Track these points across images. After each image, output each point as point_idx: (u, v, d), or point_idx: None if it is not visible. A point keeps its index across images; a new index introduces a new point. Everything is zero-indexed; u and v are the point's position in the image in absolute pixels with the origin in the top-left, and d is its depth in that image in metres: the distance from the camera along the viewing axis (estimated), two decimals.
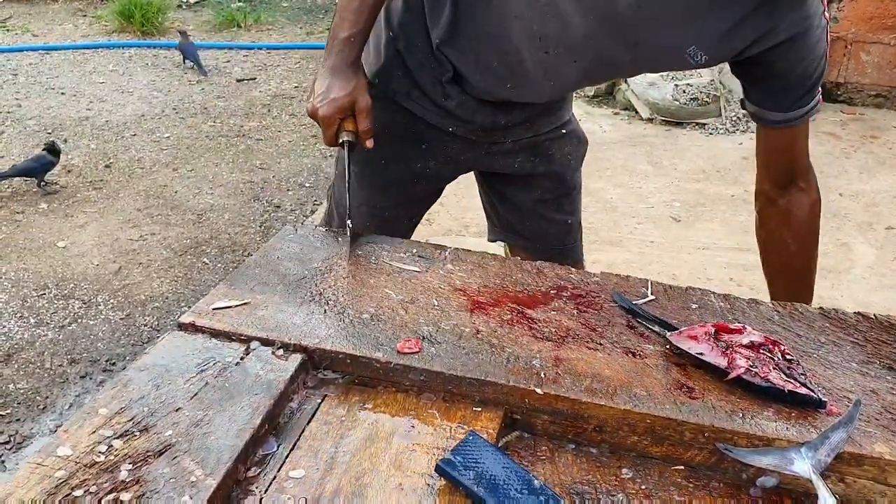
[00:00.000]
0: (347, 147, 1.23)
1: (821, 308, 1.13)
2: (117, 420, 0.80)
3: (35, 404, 2.25)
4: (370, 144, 1.24)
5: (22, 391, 2.29)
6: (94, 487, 0.71)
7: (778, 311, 1.10)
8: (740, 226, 3.28)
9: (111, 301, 2.75)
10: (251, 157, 4.00)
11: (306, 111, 1.23)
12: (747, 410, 0.88)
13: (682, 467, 0.86)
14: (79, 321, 2.63)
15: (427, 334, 0.97)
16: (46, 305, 2.70)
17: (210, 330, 0.95)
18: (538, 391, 0.88)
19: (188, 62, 5.19)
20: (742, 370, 0.91)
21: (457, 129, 1.40)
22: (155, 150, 4.00)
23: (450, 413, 0.88)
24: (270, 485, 0.77)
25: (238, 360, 0.91)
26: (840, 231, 3.24)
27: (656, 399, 0.88)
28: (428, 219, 1.60)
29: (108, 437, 0.77)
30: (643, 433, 0.87)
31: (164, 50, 5.53)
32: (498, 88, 1.32)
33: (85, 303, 2.73)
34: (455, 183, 1.56)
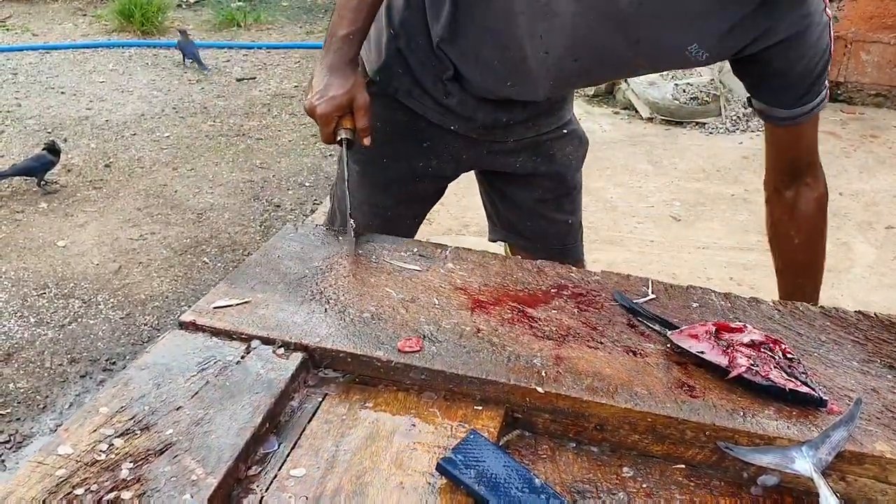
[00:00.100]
0: (346, 145, 1.23)
1: (821, 307, 1.13)
2: (118, 419, 0.80)
3: (35, 404, 2.25)
4: (368, 142, 1.24)
5: (22, 390, 2.29)
6: (95, 486, 0.71)
7: (779, 310, 1.10)
8: (740, 225, 3.28)
9: (111, 300, 2.75)
10: (251, 157, 4.00)
11: (304, 108, 1.23)
12: (748, 409, 0.88)
13: (683, 466, 0.86)
14: (79, 320, 2.63)
15: (428, 333, 0.97)
16: (46, 305, 2.70)
17: (211, 329, 0.95)
18: (539, 390, 0.88)
19: (188, 61, 5.18)
20: (743, 369, 0.91)
21: (458, 128, 1.40)
22: (155, 150, 4.00)
23: (451, 412, 0.88)
24: (271, 483, 0.77)
25: (239, 359, 0.91)
26: (840, 230, 3.24)
27: (657, 398, 0.88)
28: (428, 218, 1.60)
29: (109, 436, 0.77)
30: (644, 432, 0.87)
31: (164, 49, 5.53)
32: (498, 86, 1.32)
33: (85, 302, 2.73)
34: (455, 182, 1.56)
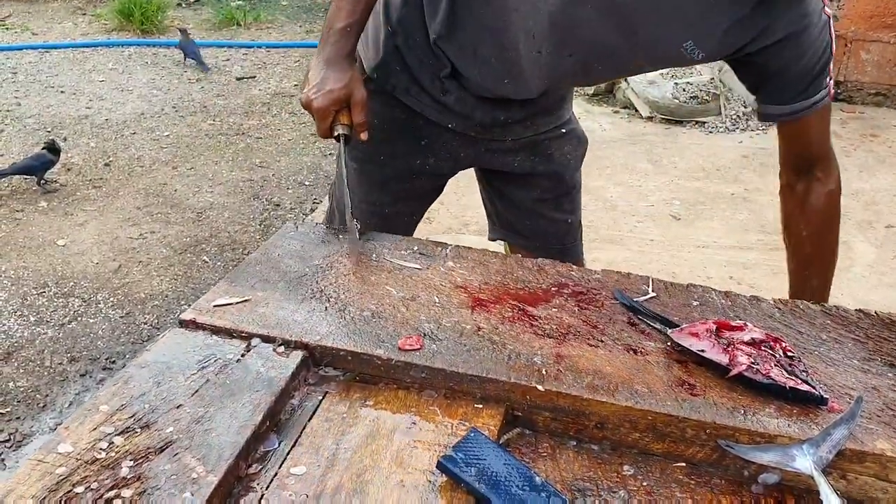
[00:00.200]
0: (343, 140, 1.23)
1: (822, 305, 1.13)
2: (118, 417, 0.80)
3: (35, 402, 2.25)
4: (364, 137, 1.24)
5: (22, 389, 2.29)
6: (96, 484, 0.71)
7: (779, 309, 1.10)
8: (740, 224, 3.28)
9: (111, 299, 2.75)
10: (251, 156, 4.00)
11: (300, 102, 1.22)
12: (749, 407, 0.88)
13: (684, 464, 0.86)
14: (78, 319, 2.63)
15: (428, 331, 0.97)
16: (46, 303, 2.70)
17: (211, 327, 0.95)
18: (539, 388, 0.88)
19: (188, 60, 5.18)
20: (743, 367, 0.91)
21: (456, 126, 1.40)
22: (154, 149, 4.00)
23: (451, 410, 0.88)
24: (272, 481, 0.77)
25: (239, 357, 0.91)
26: (840, 229, 3.23)
27: (658, 396, 0.88)
28: (428, 217, 1.60)
29: (109, 434, 0.77)
30: (644, 430, 0.87)
31: (164, 48, 5.52)
32: (496, 84, 1.32)
33: (85, 301, 2.73)
34: (455, 181, 1.56)
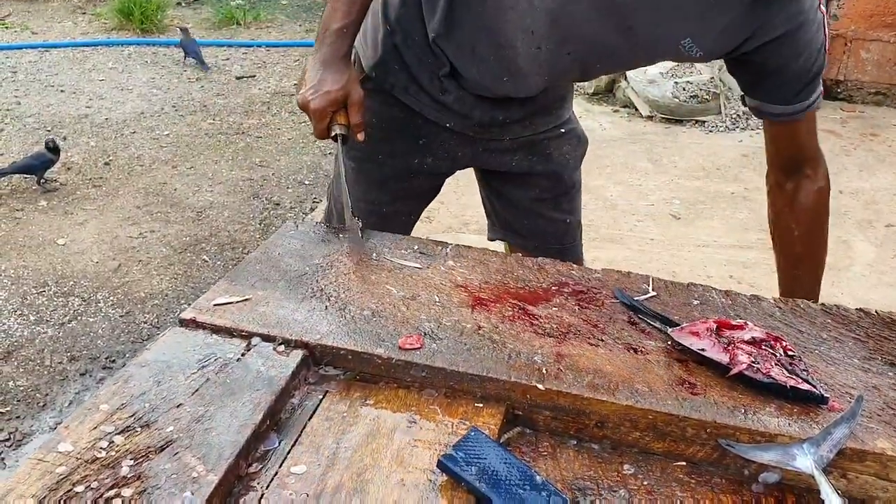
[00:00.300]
0: (340, 140, 1.23)
1: (822, 304, 1.13)
2: (118, 416, 0.80)
3: (35, 402, 2.25)
4: (361, 138, 1.24)
5: (22, 388, 2.29)
6: (96, 483, 0.71)
7: (780, 308, 1.10)
8: (740, 223, 3.28)
9: (111, 298, 2.75)
10: (251, 155, 4.00)
11: (297, 102, 1.22)
12: (749, 406, 0.88)
13: (684, 463, 0.86)
14: (78, 318, 2.63)
15: (428, 330, 0.97)
16: (46, 303, 2.70)
17: (211, 326, 0.95)
18: (540, 387, 0.88)
19: (189, 59, 5.18)
20: (744, 366, 0.91)
21: (454, 125, 1.40)
22: (154, 148, 4.00)
23: (451, 409, 0.88)
24: (272, 481, 0.77)
25: (239, 356, 0.91)
26: (840, 228, 3.23)
27: (658, 395, 0.88)
28: (428, 216, 1.60)
29: (110, 433, 0.77)
30: (645, 429, 0.87)
31: (164, 47, 5.52)
32: (495, 82, 1.32)
33: (84, 300, 2.73)
34: (455, 181, 1.55)
